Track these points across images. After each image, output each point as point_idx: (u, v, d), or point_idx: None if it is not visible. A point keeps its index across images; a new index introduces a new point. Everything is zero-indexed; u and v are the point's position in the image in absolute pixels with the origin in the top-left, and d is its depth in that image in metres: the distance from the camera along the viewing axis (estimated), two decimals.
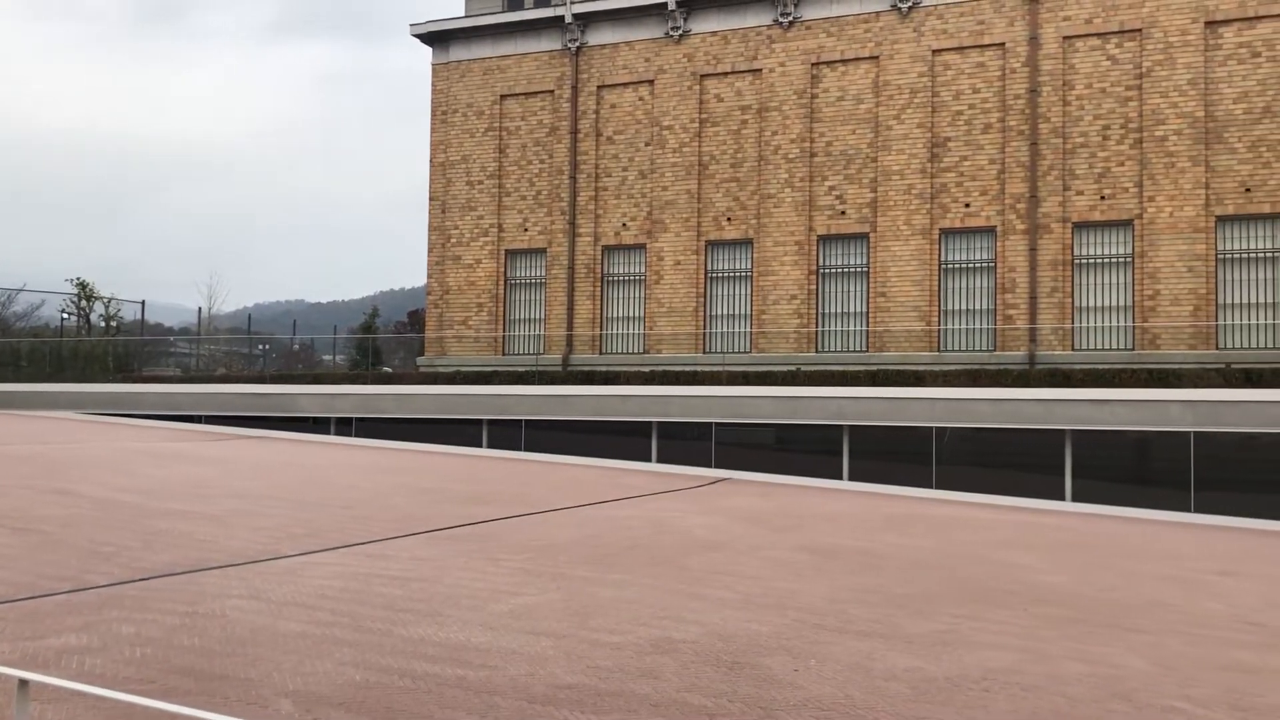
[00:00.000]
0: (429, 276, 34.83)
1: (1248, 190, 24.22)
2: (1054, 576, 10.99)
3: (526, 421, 25.29)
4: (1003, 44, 26.80)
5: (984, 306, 26.75)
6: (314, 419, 27.16)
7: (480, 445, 25.16)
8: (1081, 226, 25.79)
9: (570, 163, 32.60)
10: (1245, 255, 24.40)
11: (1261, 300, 24.11)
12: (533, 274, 33.74)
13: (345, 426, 26.67)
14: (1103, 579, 11.20)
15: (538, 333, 33.05)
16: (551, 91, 33.26)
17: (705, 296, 30.92)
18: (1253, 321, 24.32)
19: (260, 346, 49.76)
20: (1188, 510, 17.97)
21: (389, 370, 41.02)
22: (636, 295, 32.03)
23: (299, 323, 57.20)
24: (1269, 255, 24.15)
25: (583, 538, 11.63)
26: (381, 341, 50.52)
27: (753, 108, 30.32)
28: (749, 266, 30.39)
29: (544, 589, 8.63)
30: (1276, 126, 24.13)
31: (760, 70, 30.02)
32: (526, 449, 23.92)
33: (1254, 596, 10.99)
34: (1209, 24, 24.65)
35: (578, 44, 32.46)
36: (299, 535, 11.08)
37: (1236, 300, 24.41)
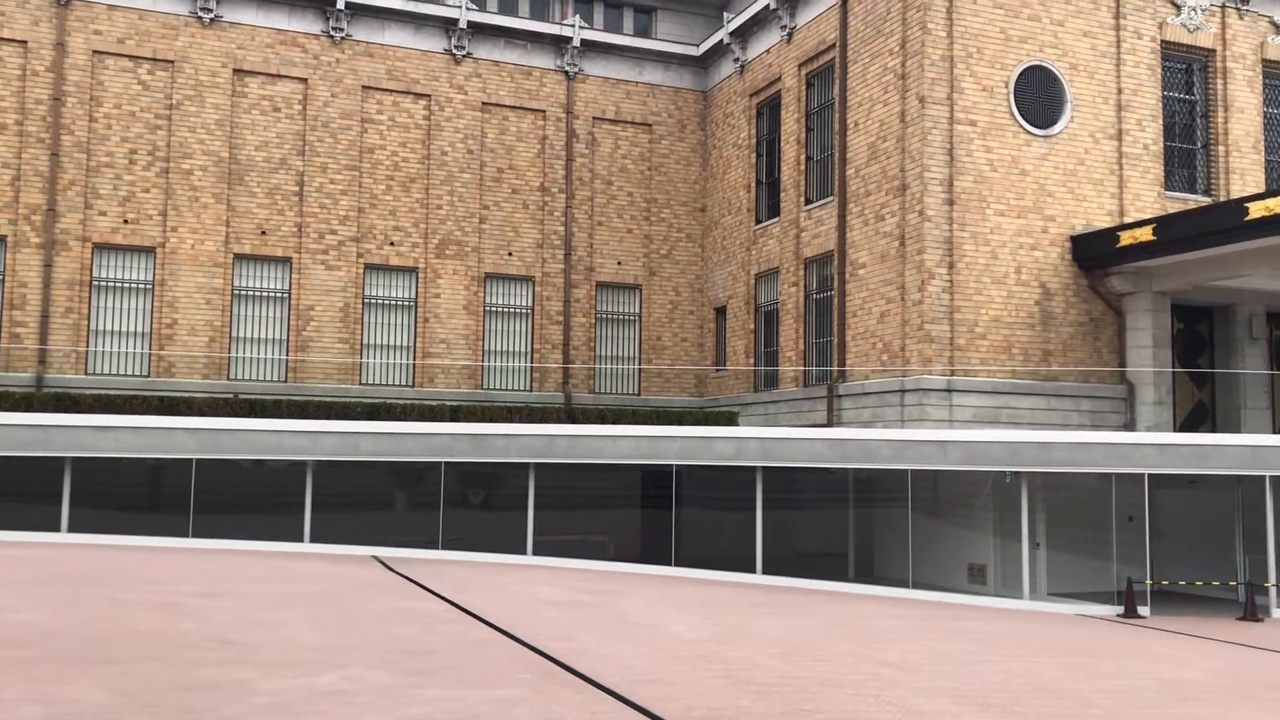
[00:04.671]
0: None
1: (263, 233, 26.23)
2: (30, 614, 10.29)
3: None
4: (25, 42, 25.02)
5: None
6: None
7: None
8: (103, 248, 25.20)
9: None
10: (258, 293, 26.30)
11: (269, 336, 26.19)
12: None
13: None
14: (86, 611, 10.81)
15: None
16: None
17: None
18: (261, 355, 26.32)
19: None
20: (187, 535, 18.56)
21: None
22: None
23: None
24: (278, 295, 26.39)
25: None
26: None
27: None
28: None
29: None
30: (290, 178, 26.63)
31: None
32: None
33: (230, 614, 11.64)
34: (237, 71, 26.23)
35: None
36: None
37: (248, 334, 26.15)
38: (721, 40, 27.74)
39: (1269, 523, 17.72)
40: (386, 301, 26.57)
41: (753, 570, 18.80)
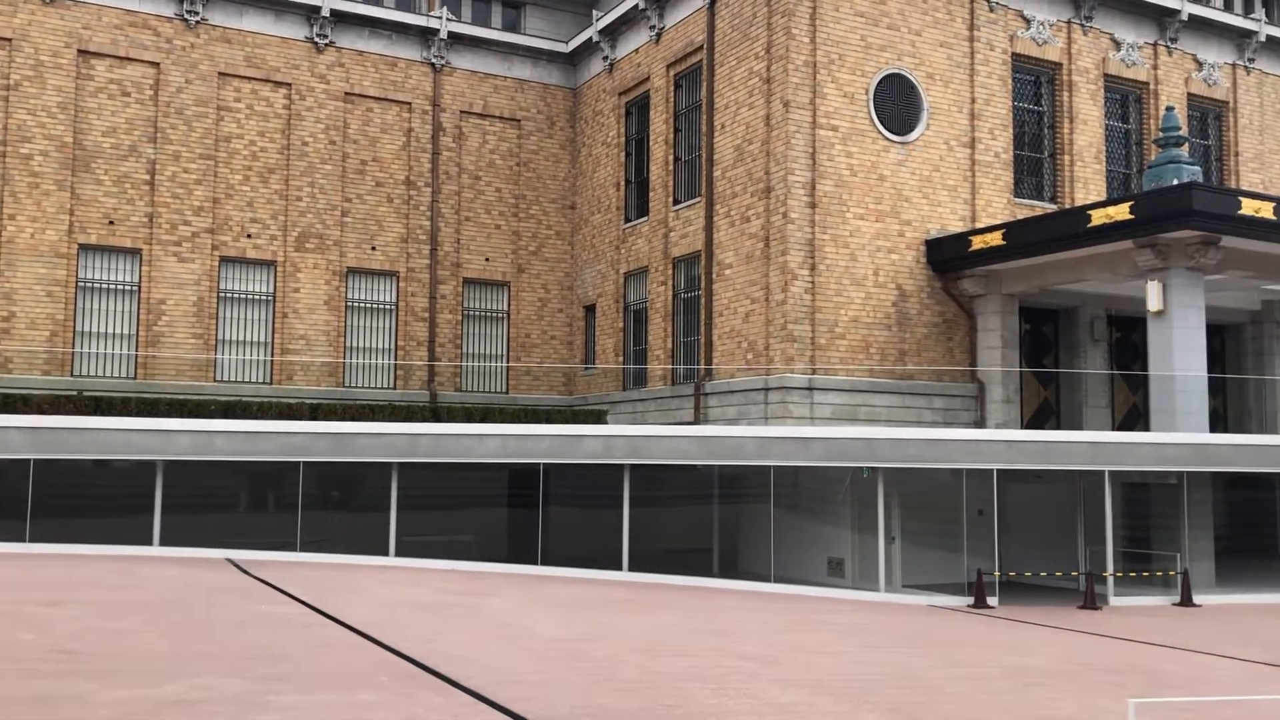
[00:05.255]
0: None
1: (111, 223, 25.02)
2: None
3: None
4: None
5: None
6: None
7: None
8: None
9: None
10: (105, 286, 25.07)
11: (118, 331, 25.01)
12: None
13: None
14: None
15: None
16: None
17: None
18: (108, 351, 25.10)
19: None
20: (24, 540, 17.59)
21: None
22: None
23: None
24: (127, 288, 25.21)
25: None
26: None
27: None
28: None
29: None
30: (141, 165, 25.47)
31: None
32: None
33: (72, 623, 11.08)
34: (82, 52, 24.95)
35: None
36: None
37: (95, 329, 24.92)
38: (591, 38, 27.75)
39: (1107, 516, 18.68)
40: (243, 296, 25.69)
41: (619, 568, 18.87)
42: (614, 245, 27.14)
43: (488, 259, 27.94)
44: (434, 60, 27.35)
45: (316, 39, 26.32)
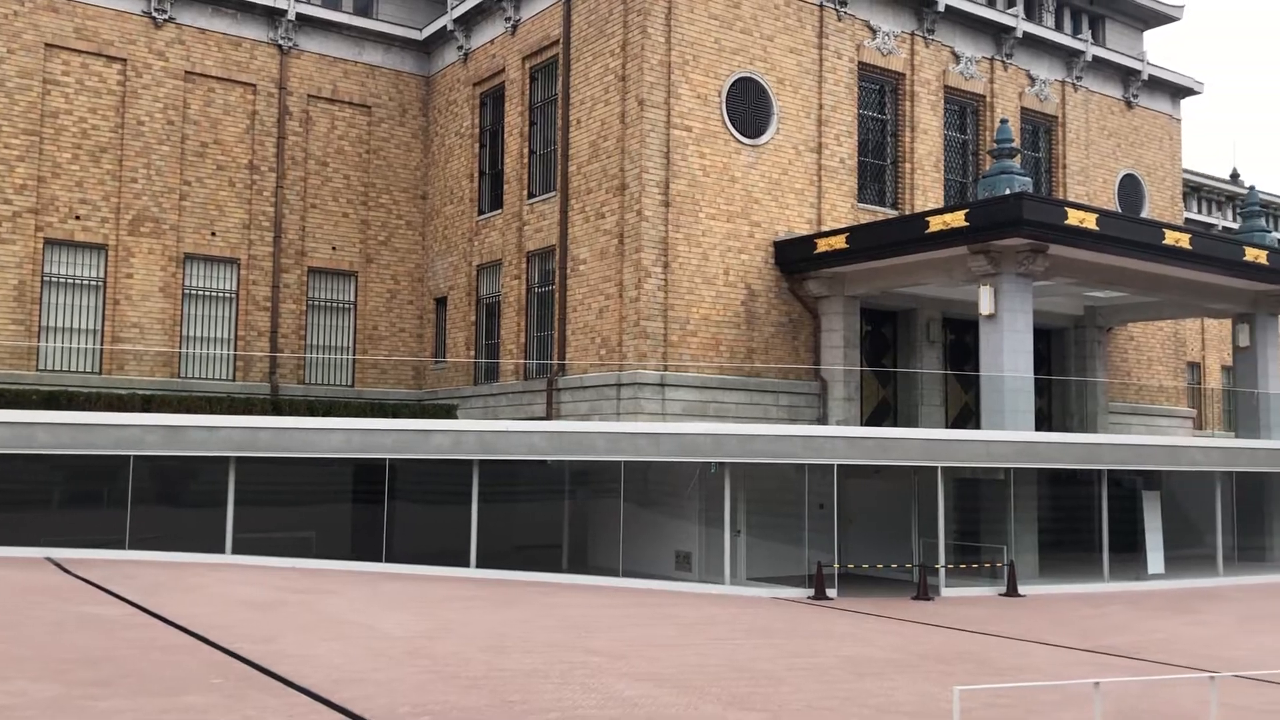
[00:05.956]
0: None
1: None
2: None
3: None
4: None
5: None
6: None
7: None
8: None
9: None
10: None
11: None
12: None
13: None
14: None
15: None
16: None
17: None
18: None
19: None
20: None
21: None
22: None
23: None
24: None
25: None
26: None
27: None
28: None
29: None
30: None
31: None
32: None
33: None
34: None
35: None
36: None
37: None
38: (445, 26, 27.32)
39: (940, 510, 19.48)
40: (71, 280, 24.31)
41: (467, 565, 18.67)
42: (467, 237, 26.81)
43: (334, 248, 27.21)
44: (281, 41, 26.45)
45: (155, 14, 25.11)
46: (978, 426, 22.26)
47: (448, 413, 23.77)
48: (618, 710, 9.07)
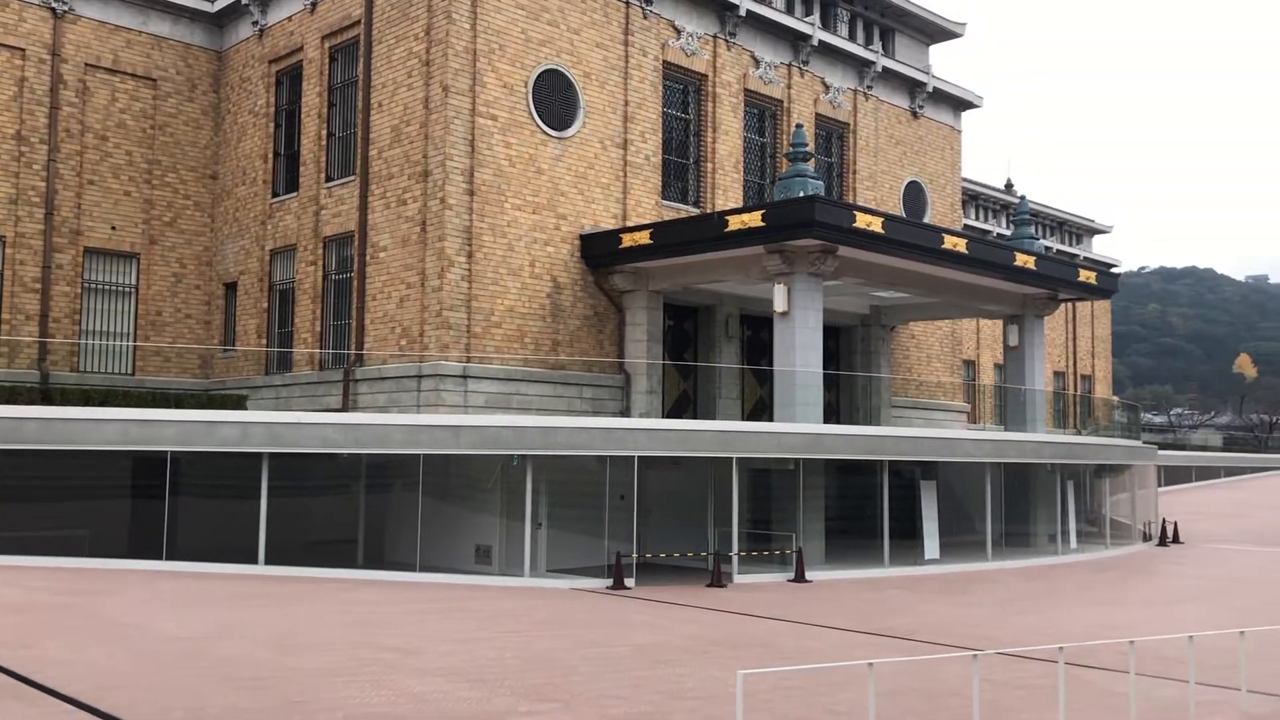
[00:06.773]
0: None
1: None
2: None
3: None
4: None
5: None
6: None
7: None
8: None
9: None
10: None
11: None
12: None
13: None
14: None
15: None
16: None
17: None
18: None
19: None
20: None
21: None
22: None
23: None
24: None
25: None
26: None
27: None
28: None
29: None
30: None
31: None
32: None
33: None
34: None
35: None
36: None
37: None
38: (239, 0, 26.10)
39: (733, 499, 20.05)
40: None
41: (255, 561, 17.94)
42: (260, 220, 25.72)
43: (114, 227, 25.56)
44: (54, 4, 24.61)
45: None
46: (772, 419, 23.03)
47: (237, 403, 22.74)
48: (408, 707, 8.92)
